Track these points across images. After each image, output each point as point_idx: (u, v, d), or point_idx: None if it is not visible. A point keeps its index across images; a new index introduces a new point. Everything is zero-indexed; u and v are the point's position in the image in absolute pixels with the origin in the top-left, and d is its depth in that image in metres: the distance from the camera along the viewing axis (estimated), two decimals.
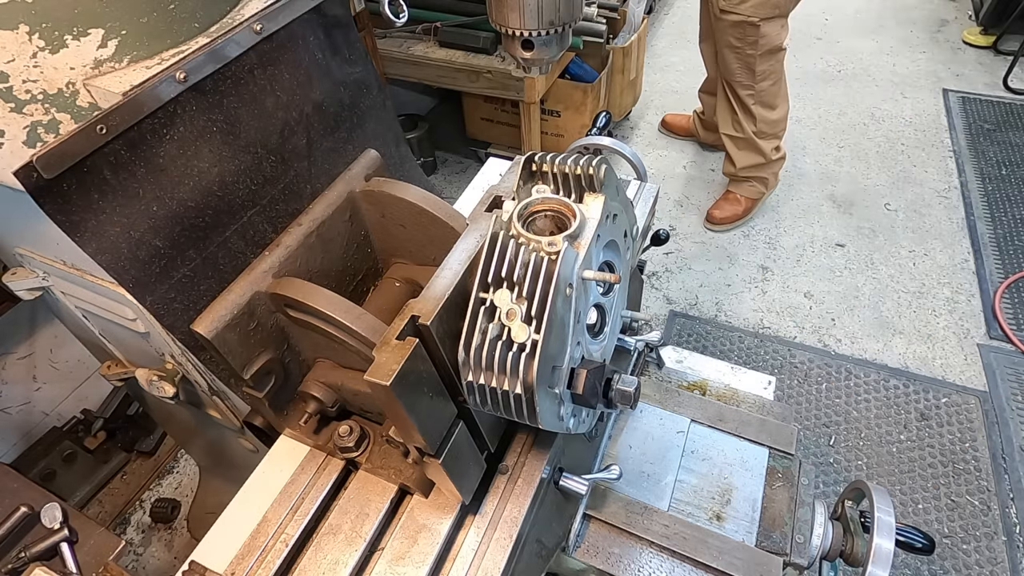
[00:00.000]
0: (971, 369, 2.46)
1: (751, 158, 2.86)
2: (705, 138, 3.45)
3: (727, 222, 3.04)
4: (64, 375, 2.00)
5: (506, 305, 0.67)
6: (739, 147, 2.86)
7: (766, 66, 2.59)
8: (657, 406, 1.26)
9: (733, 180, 3.03)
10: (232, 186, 0.98)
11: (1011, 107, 3.72)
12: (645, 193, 1.34)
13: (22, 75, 0.79)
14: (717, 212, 3.04)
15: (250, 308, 0.90)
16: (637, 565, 1.05)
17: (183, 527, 2.01)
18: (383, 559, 0.85)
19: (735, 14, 2.44)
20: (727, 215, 3.03)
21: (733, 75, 2.67)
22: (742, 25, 2.46)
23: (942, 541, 1.99)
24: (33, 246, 1.14)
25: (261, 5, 1.00)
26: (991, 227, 3.01)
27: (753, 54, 2.54)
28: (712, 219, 3.05)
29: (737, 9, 2.42)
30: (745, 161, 2.87)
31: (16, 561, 1.01)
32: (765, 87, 2.66)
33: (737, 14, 2.44)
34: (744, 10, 2.42)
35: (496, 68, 2.65)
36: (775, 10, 2.43)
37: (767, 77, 2.63)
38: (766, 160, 2.85)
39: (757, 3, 2.39)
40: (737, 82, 2.68)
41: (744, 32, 2.48)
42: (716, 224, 3.05)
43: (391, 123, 1.32)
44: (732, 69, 2.65)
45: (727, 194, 3.07)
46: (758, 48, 2.52)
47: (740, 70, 2.63)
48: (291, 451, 1.00)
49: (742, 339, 2.59)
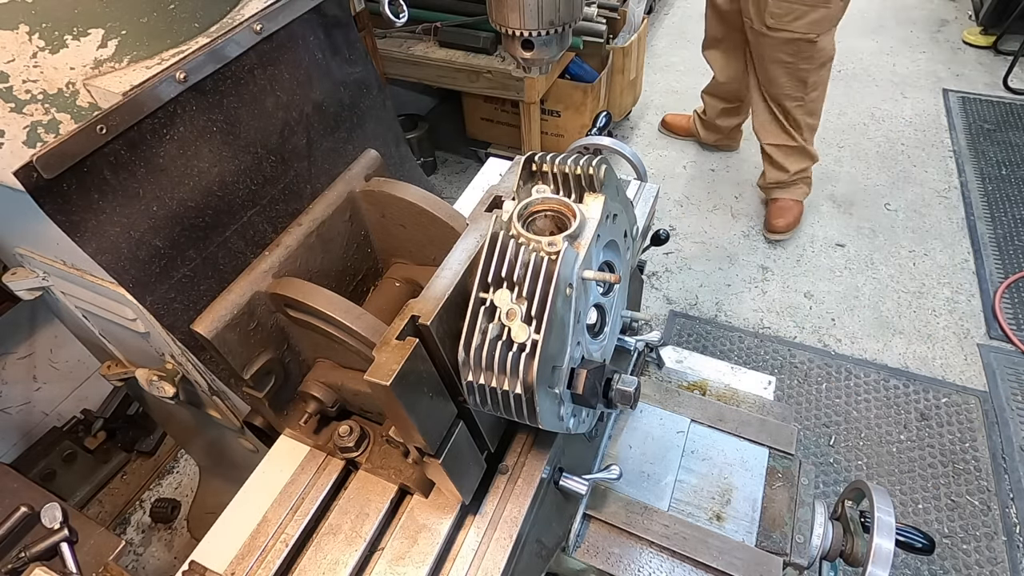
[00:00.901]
0: (971, 369, 2.46)
1: (802, 163, 2.85)
2: (706, 138, 3.44)
3: (792, 227, 2.97)
4: (64, 375, 2.00)
5: (506, 305, 0.67)
6: (788, 154, 2.82)
7: (818, 77, 2.54)
8: (657, 406, 1.26)
9: (780, 187, 2.95)
10: (232, 186, 0.98)
11: (1011, 107, 3.72)
12: (645, 193, 1.34)
13: (22, 75, 0.79)
14: (781, 221, 2.95)
15: (250, 308, 0.90)
16: (637, 565, 1.05)
17: (183, 527, 2.01)
18: (383, 559, 0.85)
19: (787, 32, 2.36)
20: (791, 220, 2.96)
21: (781, 89, 2.60)
22: (796, 42, 2.39)
23: (942, 541, 1.99)
24: (33, 246, 1.14)
25: (261, 5, 1.00)
26: (991, 227, 3.01)
27: (808, 68, 2.48)
28: (777, 229, 2.95)
29: (790, 27, 2.34)
30: (797, 166, 2.85)
31: (16, 561, 1.01)
32: (815, 96, 2.62)
33: (790, 31, 2.35)
34: (799, 28, 2.33)
35: (496, 68, 2.65)
36: (831, 23, 2.36)
37: (817, 87, 2.59)
38: (813, 160, 2.85)
39: (814, 20, 2.30)
40: (786, 95, 2.61)
41: (798, 48, 2.41)
42: (781, 233, 2.97)
43: (391, 123, 1.32)
44: (780, 84, 2.58)
45: (778, 201, 2.98)
46: (813, 62, 2.46)
47: (790, 83, 2.56)
48: (291, 451, 1.00)
49: (742, 339, 2.59)
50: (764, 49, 2.53)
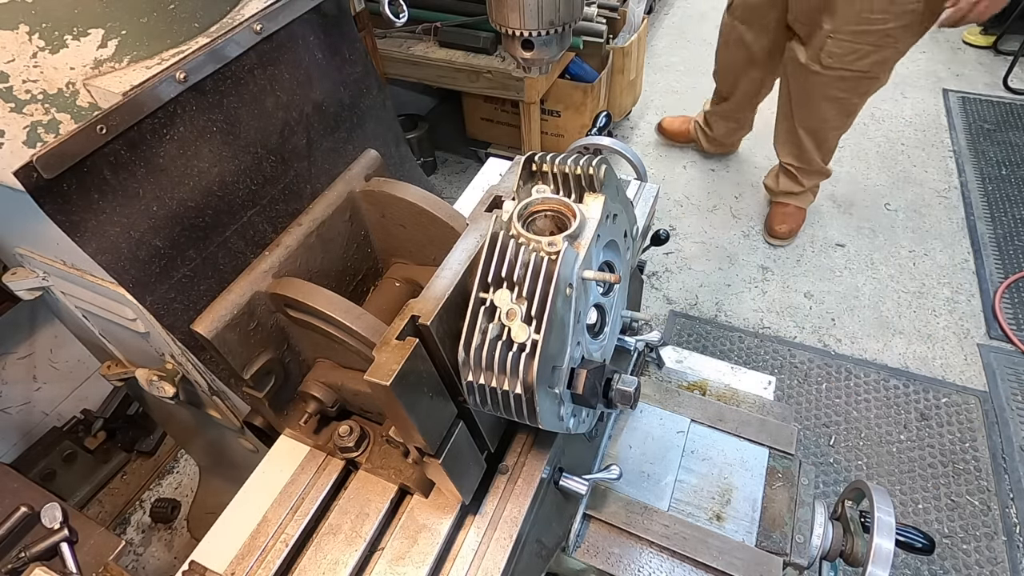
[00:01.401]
0: (971, 369, 2.46)
1: (818, 179, 2.85)
2: (708, 148, 3.38)
3: (794, 233, 2.96)
4: (64, 375, 2.00)
5: (506, 305, 0.67)
6: (808, 174, 2.80)
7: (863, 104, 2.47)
8: (657, 406, 1.26)
9: (789, 195, 2.92)
10: (232, 186, 0.98)
11: (1011, 107, 3.72)
12: (645, 193, 1.34)
13: (22, 75, 0.79)
14: (784, 227, 2.92)
15: (250, 308, 0.90)
16: (637, 565, 1.05)
17: (183, 527, 2.01)
18: (383, 559, 0.85)
19: (847, 71, 2.25)
20: (794, 227, 2.94)
21: (827, 123, 2.51)
22: (856, 80, 2.28)
23: (942, 541, 1.99)
24: (33, 246, 1.14)
25: (261, 5, 1.00)
26: (991, 227, 3.01)
27: (860, 101, 2.40)
28: (780, 235, 2.93)
29: (852, 66, 2.23)
30: (811, 182, 2.85)
31: (16, 561, 1.01)
32: (854, 121, 2.55)
33: (851, 70, 2.25)
34: (861, 67, 2.22)
35: (496, 68, 2.65)
36: (897, 59, 2.25)
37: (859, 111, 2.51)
38: (827, 176, 2.85)
39: (879, 60, 2.18)
40: (831, 127, 2.54)
41: (855, 84, 2.31)
42: (784, 239, 2.95)
43: (391, 123, 1.32)
44: (827, 118, 2.49)
45: (784, 206, 2.95)
46: (868, 94, 2.38)
47: (838, 117, 2.48)
48: (291, 451, 1.00)
49: (742, 339, 2.59)
50: (812, 87, 2.40)
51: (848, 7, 2.12)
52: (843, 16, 2.14)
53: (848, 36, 2.16)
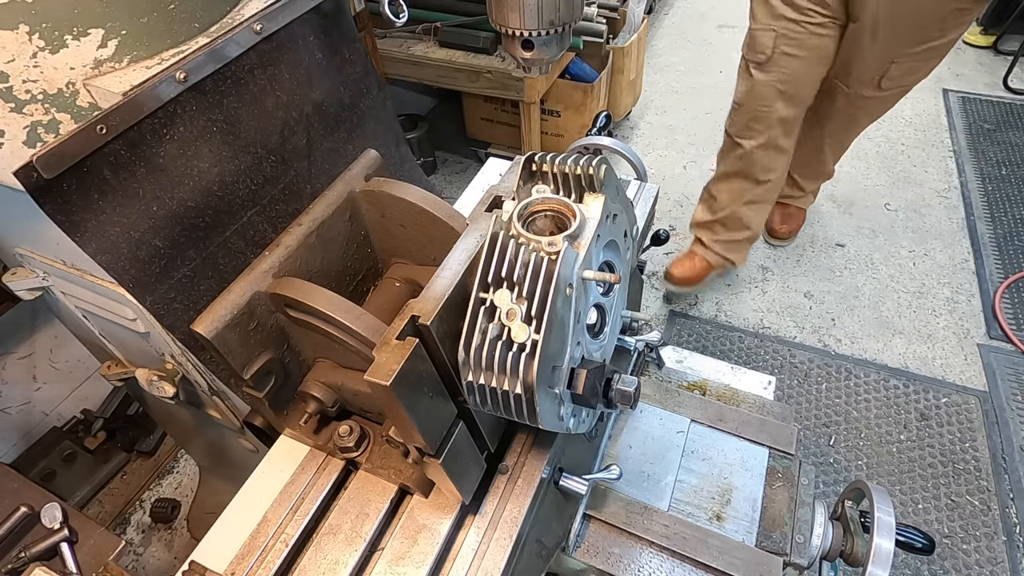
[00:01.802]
0: (971, 369, 2.46)
1: (821, 182, 2.85)
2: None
3: (794, 233, 2.94)
4: (64, 375, 2.00)
5: (506, 305, 0.67)
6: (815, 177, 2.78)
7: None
8: (657, 406, 1.26)
9: (791, 197, 2.88)
10: (232, 186, 0.98)
11: (1011, 107, 3.72)
12: (645, 193, 1.34)
13: (22, 75, 0.79)
14: (785, 228, 2.90)
15: (250, 308, 0.90)
16: (637, 565, 1.05)
17: (183, 527, 2.01)
18: (383, 559, 0.85)
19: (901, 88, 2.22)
20: (794, 228, 2.93)
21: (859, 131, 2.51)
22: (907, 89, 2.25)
23: (942, 541, 1.99)
24: (33, 246, 1.14)
25: (261, 5, 1.00)
26: (991, 227, 3.01)
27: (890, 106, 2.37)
28: (781, 235, 2.91)
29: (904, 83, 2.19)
30: (814, 186, 2.84)
31: (16, 561, 1.01)
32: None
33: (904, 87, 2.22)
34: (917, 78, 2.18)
35: (496, 68, 2.65)
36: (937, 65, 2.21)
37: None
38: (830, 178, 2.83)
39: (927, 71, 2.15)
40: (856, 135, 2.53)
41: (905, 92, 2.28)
42: (784, 240, 2.93)
43: (391, 123, 1.32)
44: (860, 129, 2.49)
45: (784, 207, 2.90)
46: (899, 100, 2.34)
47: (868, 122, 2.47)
48: (291, 451, 1.00)
49: (742, 339, 2.59)
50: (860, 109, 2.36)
51: (913, 38, 2.03)
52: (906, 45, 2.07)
53: (910, 59, 2.12)
